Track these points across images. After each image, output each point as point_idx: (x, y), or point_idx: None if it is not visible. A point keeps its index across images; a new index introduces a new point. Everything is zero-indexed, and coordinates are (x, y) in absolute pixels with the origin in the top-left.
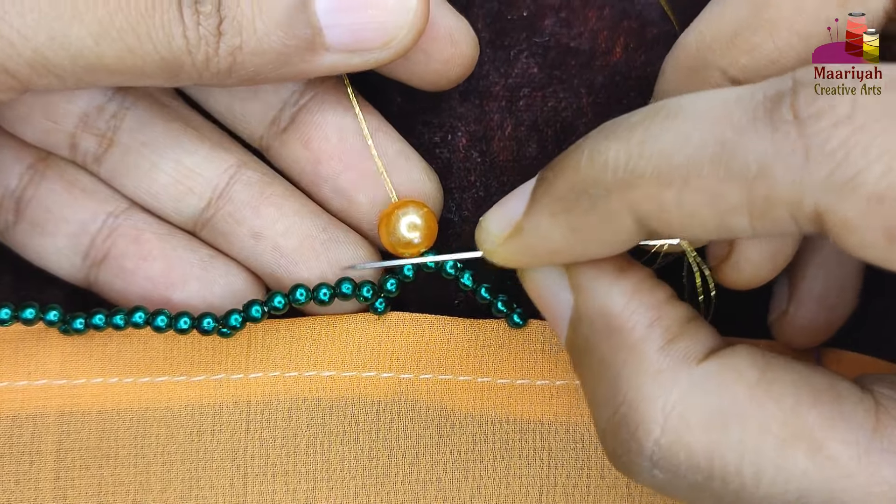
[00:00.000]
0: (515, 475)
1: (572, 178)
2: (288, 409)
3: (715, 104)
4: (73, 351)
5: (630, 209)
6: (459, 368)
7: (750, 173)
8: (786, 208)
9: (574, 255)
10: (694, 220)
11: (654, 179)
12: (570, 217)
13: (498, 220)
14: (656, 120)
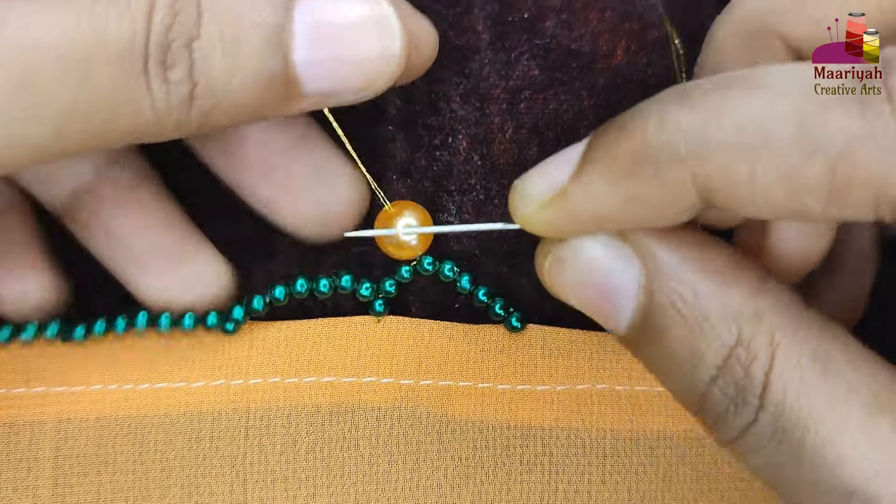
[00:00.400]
0: (516, 481)
1: (638, 142)
2: (287, 416)
3: (798, 76)
4: (73, 357)
5: (698, 180)
6: (460, 374)
7: (834, 151)
8: (869, 191)
9: (621, 222)
10: (765, 196)
11: (730, 150)
12: (630, 183)
13: (539, 183)
14: (733, 89)
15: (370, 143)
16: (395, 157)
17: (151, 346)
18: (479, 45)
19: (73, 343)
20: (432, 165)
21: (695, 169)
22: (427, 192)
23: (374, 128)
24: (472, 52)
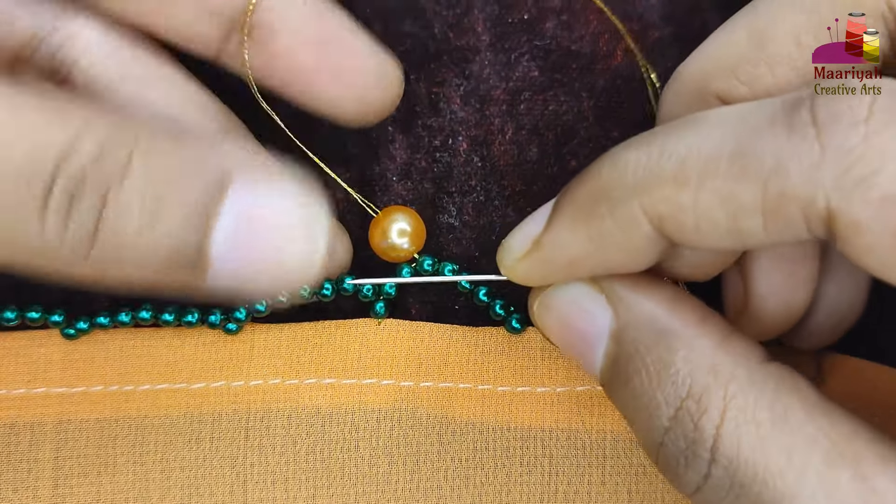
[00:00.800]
0: (517, 482)
1: (593, 185)
2: (287, 417)
3: (735, 111)
4: (74, 357)
5: (647, 212)
6: (460, 376)
7: (765, 171)
8: (799, 207)
9: (592, 267)
10: (709, 222)
11: (672, 180)
12: (590, 225)
13: (518, 237)
14: (677, 128)
15: (370, 144)
16: (395, 159)
17: (153, 347)
18: (479, 46)
19: (75, 340)
20: (432, 167)
21: (643, 201)
22: (427, 193)
23: (374, 129)
24: (472, 53)
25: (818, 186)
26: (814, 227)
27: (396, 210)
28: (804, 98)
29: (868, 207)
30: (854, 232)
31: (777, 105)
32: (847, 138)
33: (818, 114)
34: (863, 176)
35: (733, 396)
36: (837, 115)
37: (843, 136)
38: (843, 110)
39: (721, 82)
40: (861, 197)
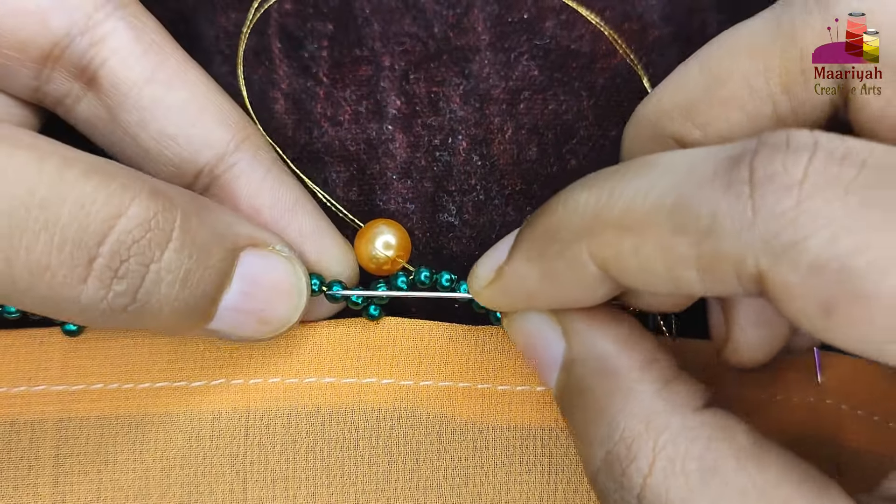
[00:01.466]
0: (516, 481)
1: (547, 222)
2: (287, 416)
3: (686, 159)
4: (75, 355)
5: (593, 255)
6: (459, 375)
7: (701, 227)
8: (731, 266)
9: (547, 300)
10: (648, 269)
11: (616, 226)
12: (542, 261)
13: (485, 265)
14: (630, 170)
15: (370, 143)
16: (395, 157)
17: (153, 346)
18: (479, 45)
19: (76, 337)
20: (432, 165)
21: (589, 244)
22: (427, 192)
23: (374, 127)
24: (472, 52)
25: (749, 248)
26: (747, 286)
27: (380, 223)
28: (747, 152)
29: (796, 274)
30: (784, 296)
31: (721, 157)
32: (779, 202)
33: (756, 172)
34: (793, 241)
35: (663, 447)
36: (773, 175)
37: (776, 199)
38: (779, 171)
39: (676, 125)
40: (789, 263)
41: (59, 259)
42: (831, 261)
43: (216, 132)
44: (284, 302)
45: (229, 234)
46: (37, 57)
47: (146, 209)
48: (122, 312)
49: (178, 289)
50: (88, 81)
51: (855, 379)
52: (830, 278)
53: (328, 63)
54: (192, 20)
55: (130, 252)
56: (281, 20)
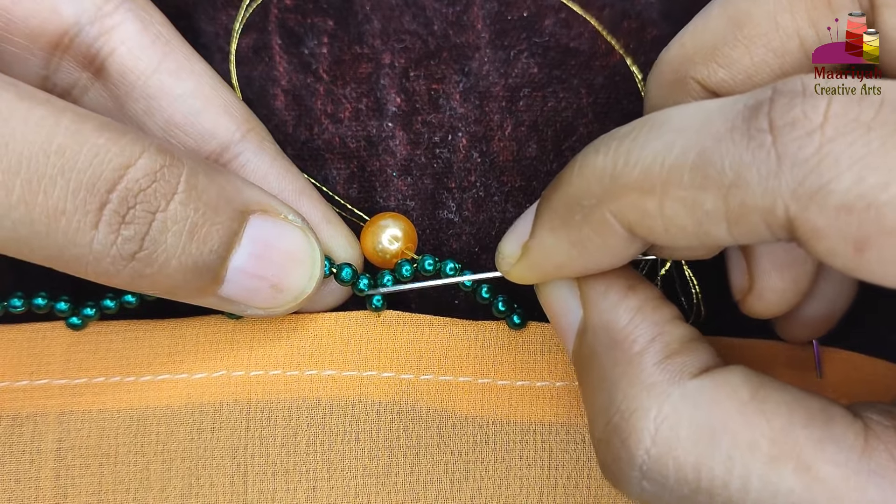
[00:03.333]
0: (516, 476)
1: (566, 191)
2: (288, 408)
3: (698, 114)
4: (77, 349)
5: (618, 218)
6: (460, 369)
7: (726, 181)
8: (759, 215)
9: (577, 268)
10: (675, 227)
11: (638, 188)
12: (568, 231)
13: (509, 243)
14: (643, 131)
15: (370, 140)
16: (395, 154)
17: (154, 338)
18: (478, 43)
19: (79, 331)
20: (432, 162)
21: (612, 208)
22: (427, 189)
23: (374, 125)
24: (471, 50)
25: (776, 196)
26: (777, 232)
27: (387, 216)
28: (763, 102)
29: (825, 216)
30: (814, 238)
31: (738, 108)
32: (802, 147)
33: (775, 120)
34: (819, 185)
35: (665, 418)
36: (793, 122)
37: (798, 145)
38: (799, 117)
39: (700, 67)
40: (818, 206)
41: (74, 204)
42: (858, 199)
43: (221, 122)
44: (298, 270)
45: (239, 197)
46: (46, 45)
47: (153, 161)
48: (131, 260)
49: (184, 241)
50: (96, 71)
51: (854, 373)
52: (859, 217)
53: (328, 60)
54: (193, 17)
55: (138, 199)
56: (281, 16)
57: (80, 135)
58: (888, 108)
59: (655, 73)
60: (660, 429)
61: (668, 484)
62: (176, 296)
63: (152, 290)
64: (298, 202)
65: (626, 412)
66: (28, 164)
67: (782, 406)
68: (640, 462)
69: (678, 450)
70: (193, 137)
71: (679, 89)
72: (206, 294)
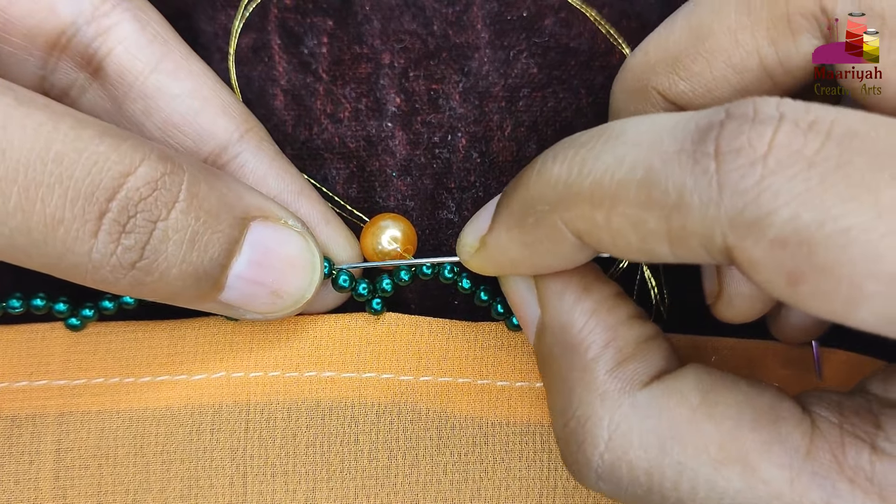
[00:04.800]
0: (515, 477)
1: (523, 194)
2: (287, 410)
3: (652, 130)
4: (76, 350)
5: (568, 226)
6: (459, 370)
7: (669, 202)
8: (699, 241)
9: (530, 267)
10: (621, 240)
11: (588, 199)
12: (521, 232)
13: (470, 233)
14: (599, 142)
15: (370, 140)
16: (394, 154)
17: (153, 339)
18: (478, 43)
19: (78, 331)
20: (432, 163)
21: (563, 216)
22: (427, 189)
23: (374, 125)
24: (471, 50)
25: (715, 224)
26: (717, 257)
27: (387, 217)
28: (714, 125)
29: (761, 248)
30: (751, 268)
31: (690, 128)
32: (743, 178)
33: (720, 146)
34: (756, 218)
35: (618, 426)
36: (738, 150)
37: (740, 175)
38: (743, 145)
39: (662, 77)
40: (754, 238)
41: (72, 212)
42: (793, 235)
43: (220, 122)
44: (298, 275)
45: (239, 203)
46: (44, 45)
47: (154, 169)
48: (131, 269)
49: (185, 249)
50: (94, 71)
51: (854, 374)
52: (793, 252)
53: (328, 60)
54: (192, 17)
55: (138, 208)
56: (280, 16)
57: (78, 141)
58: (833, 142)
59: (619, 79)
60: (612, 436)
61: (622, 485)
62: (176, 302)
63: (152, 296)
64: (297, 203)
65: (581, 418)
66: (25, 171)
67: (732, 408)
68: (595, 465)
69: (630, 455)
70: (192, 137)
71: (641, 98)
72: (206, 300)
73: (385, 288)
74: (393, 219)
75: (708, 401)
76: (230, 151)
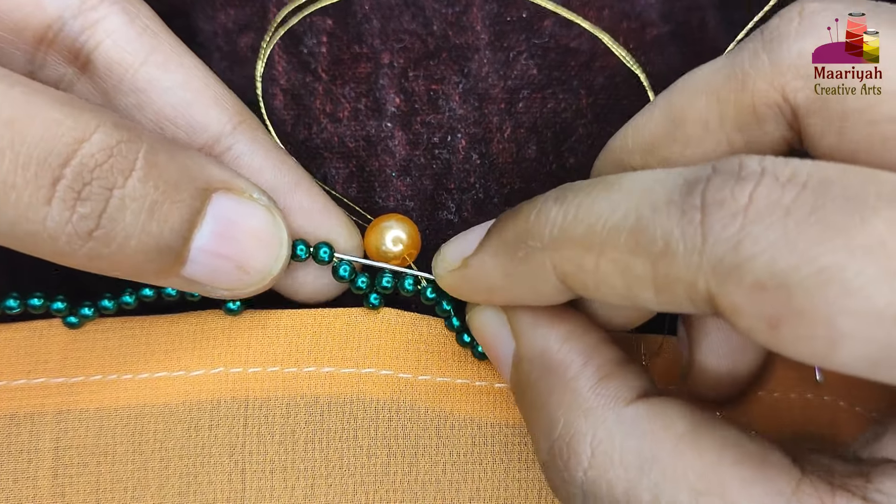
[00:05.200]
0: (514, 478)
1: (520, 227)
2: (286, 405)
3: (645, 181)
4: (73, 348)
5: (556, 267)
6: (457, 371)
7: (656, 250)
8: (683, 288)
9: (506, 297)
10: (607, 286)
11: (580, 243)
12: (508, 262)
13: (453, 251)
14: (596, 188)
15: (369, 140)
16: (394, 155)
17: (151, 336)
18: (478, 44)
19: (75, 329)
20: (431, 163)
21: (553, 257)
22: (427, 190)
23: (373, 125)
24: (471, 51)
25: (699, 271)
26: (700, 305)
27: (391, 217)
28: (701, 179)
29: (741, 294)
30: (733, 314)
31: (679, 182)
32: (725, 227)
33: (707, 199)
34: (736, 264)
35: (599, 443)
36: (721, 202)
37: (723, 225)
38: (727, 198)
39: (638, 161)
40: (735, 284)
41: (25, 178)
42: (770, 279)
43: (213, 114)
44: (264, 250)
45: (201, 174)
46: (31, 39)
47: (109, 136)
48: (88, 239)
49: (143, 219)
50: (82, 66)
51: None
52: (772, 296)
53: (327, 59)
54: (191, 16)
55: (93, 175)
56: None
57: (31, 106)
58: (808, 191)
59: (600, 159)
60: (595, 452)
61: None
62: (139, 277)
63: (113, 271)
64: (294, 193)
65: (565, 436)
66: None
67: (717, 442)
68: (580, 482)
69: (610, 473)
70: (185, 130)
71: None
72: (169, 275)
73: (385, 285)
74: (398, 220)
75: (694, 431)
76: (223, 143)
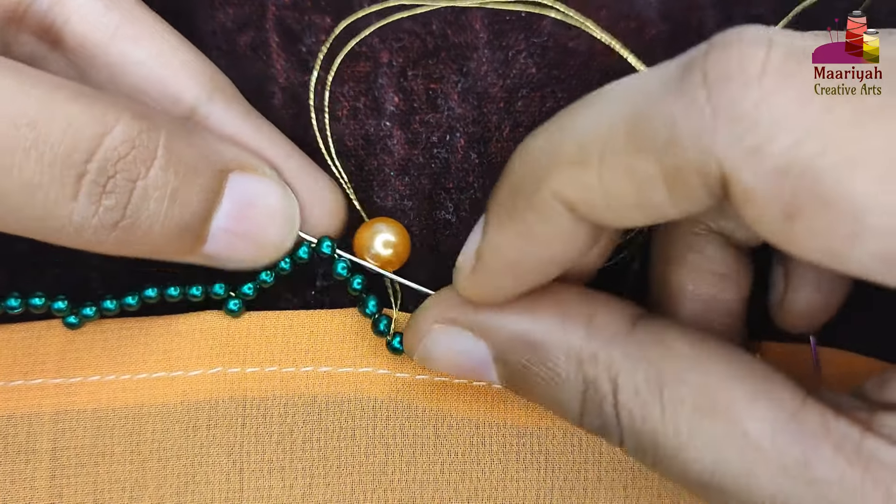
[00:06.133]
0: (513, 479)
1: (509, 182)
2: (284, 405)
3: (632, 81)
4: (71, 348)
5: (558, 197)
6: None
7: (660, 141)
8: (696, 175)
9: (532, 265)
10: (616, 198)
11: (575, 161)
12: (514, 222)
13: (463, 254)
14: (576, 106)
15: (367, 139)
16: (392, 154)
17: (149, 336)
18: (477, 43)
19: (75, 329)
20: (430, 163)
21: (551, 187)
22: (425, 189)
23: (372, 124)
24: (470, 50)
25: (711, 153)
26: (713, 191)
27: (380, 221)
28: (697, 57)
29: (759, 177)
30: (746, 199)
31: (671, 68)
32: (739, 102)
33: (709, 73)
34: (756, 145)
35: (616, 376)
36: (729, 73)
37: (735, 100)
38: (734, 68)
39: None
40: (753, 167)
41: (50, 176)
42: (795, 164)
43: (187, 84)
44: (278, 224)
45: (217, 157)
46: (1, 18)
47: (130, 127)
48: (113, 229)
49: (166, 206)
50: (53, 42)
51: (852, 374)
52: (794, 182)
53: (326, 58)
54: (190, 15)
55: (117, 168)
56: (279, 14)
57: (52, 104)
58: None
59: None
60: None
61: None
62: (160, 256)
63: (137, 253)
64: (276, 157)
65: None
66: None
67: (721, 362)
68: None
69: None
70: (161, 102)
71: None
72: (189, 254)
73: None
74: (387, 223)
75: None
76: (200, 112)
